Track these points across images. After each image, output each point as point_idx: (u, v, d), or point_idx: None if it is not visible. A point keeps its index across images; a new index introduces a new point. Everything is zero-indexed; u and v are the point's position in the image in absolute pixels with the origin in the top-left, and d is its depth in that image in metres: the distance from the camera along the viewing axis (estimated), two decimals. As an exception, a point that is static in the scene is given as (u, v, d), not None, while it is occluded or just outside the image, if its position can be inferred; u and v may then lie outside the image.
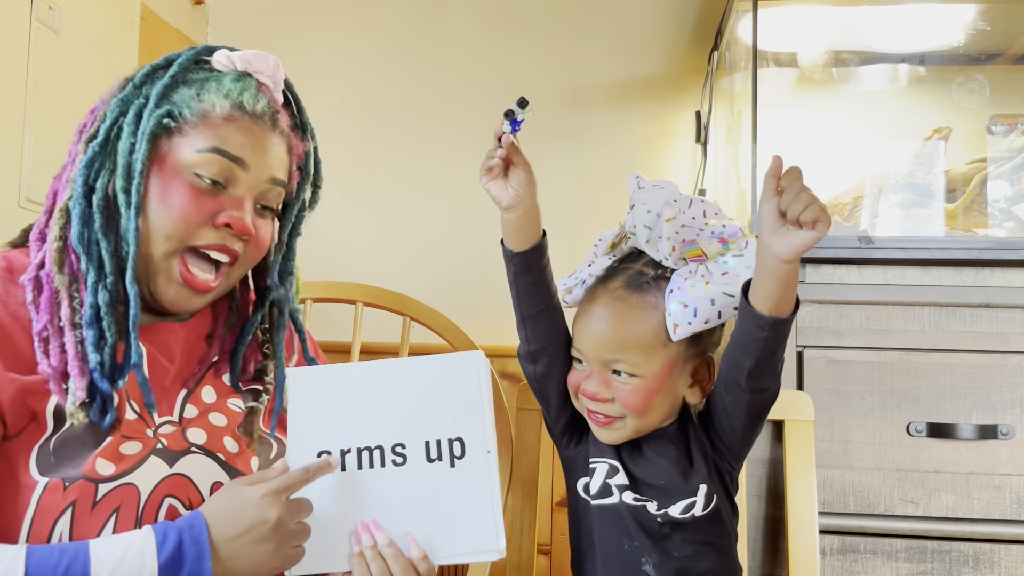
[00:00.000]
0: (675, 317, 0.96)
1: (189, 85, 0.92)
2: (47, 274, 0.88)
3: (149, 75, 0.93)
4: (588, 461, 1.04)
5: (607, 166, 2.12)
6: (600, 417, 1.00)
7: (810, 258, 1.42)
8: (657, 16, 2.14)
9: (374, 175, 2.17)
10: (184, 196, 0.89)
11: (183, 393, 0.95)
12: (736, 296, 0.93)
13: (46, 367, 0.85)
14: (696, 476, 1.00)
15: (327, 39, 2.20)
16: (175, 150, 0.91)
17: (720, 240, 0.98)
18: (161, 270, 0.91)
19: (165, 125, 0.90)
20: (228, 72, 0.94)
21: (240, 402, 0.99)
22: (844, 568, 1.38)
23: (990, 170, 1.61)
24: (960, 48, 1.82)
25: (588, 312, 1.02)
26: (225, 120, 0.91)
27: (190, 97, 0.91)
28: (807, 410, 1.31)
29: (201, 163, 0.90)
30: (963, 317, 1.40)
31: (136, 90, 0.92)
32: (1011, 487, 1.36)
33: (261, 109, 0.94)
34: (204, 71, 0.94)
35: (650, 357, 0.97)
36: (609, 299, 1.00)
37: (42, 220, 0.93)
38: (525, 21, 2.17)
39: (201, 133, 0.90)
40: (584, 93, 2.15)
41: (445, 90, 2.18)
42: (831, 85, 1.89)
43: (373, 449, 0.92)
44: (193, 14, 2.18)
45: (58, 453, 0.84)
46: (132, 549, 0.79)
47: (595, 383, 0.99)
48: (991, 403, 1.38)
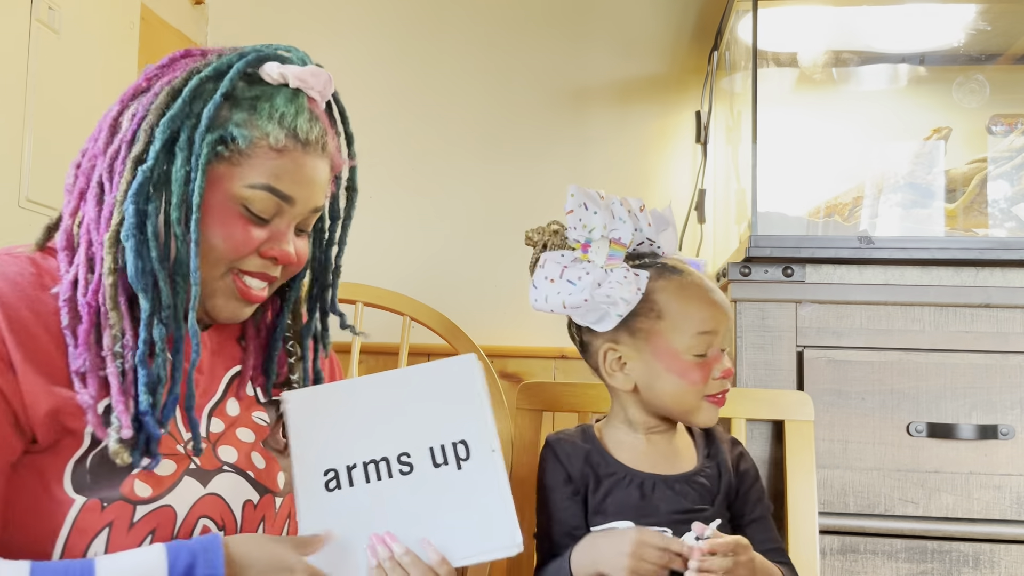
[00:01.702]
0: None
1: (241, 106, 0.88)
2: (88, 304, 0.83)
3: (197, 89, 0.87)
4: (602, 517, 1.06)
5: (607, 166, 2.12)
6: (724, 396, 1.07)
7: (810, 258, 1.42)
8: (657, 16, 2.14)
9: (374, 175, 2.17)
10: (237, 228, 0.88)
11: (208, 406, 0.94)
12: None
13: (86, 398, 0.81)
14: (715, 512, 1.05)
15: (327, 39, 2.20)
16: (227, 179, 0.88)
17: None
18: (219, 289, 0.91)
19: (219, 153, 0.87)
20: (280, 89, 0.90)
21: (264, 415, 0.99)
22: (844, 568, 1.38)
23: (990, 170, 1.61)
24: (960, 48, 1.82)
25: (708, 290, 1.06)
26: (278, 152, 0.89)
27: (243, 121, 0.88)
28: (807, 410, 1.31)
29: (253, 199, 0.88)
30: (963, 317, 1.40)
31: (186, 106, 0.86)
32: (1011, 487, 1.36)
33: (315, 137, 0.92)
34: (256, 87, 0.90)
35: None
36: (708, 282, 1.08)
37: (67, 223, 0.88)
38: (525, 21, 2.17)
39: (255, 167, 0.88)
40: (584, 93, 2.15)
41: (445, 90, 2.18)
42: (831, 85, 1.89)
43: (379, 461, 0.92)
44: (193, 14, 2.18)
45: (95, 472, 0.82)
46: (141, 566, 0.79)
47: (727, 359, 1.06)
48: (991, 403, 1.38)
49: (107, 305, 0.83)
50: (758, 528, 1.09)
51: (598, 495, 1.06)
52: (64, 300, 0.83)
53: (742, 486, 1.10)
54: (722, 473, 1.08)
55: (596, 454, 1.09)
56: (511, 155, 2.14)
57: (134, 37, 1.83)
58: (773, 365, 1.41)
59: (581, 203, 1.06)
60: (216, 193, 0.87)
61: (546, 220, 1.06)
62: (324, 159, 0.94)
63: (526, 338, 2.01)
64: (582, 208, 1.06)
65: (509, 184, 2.13)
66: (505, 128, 2.15)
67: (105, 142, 0.88)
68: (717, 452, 1.11)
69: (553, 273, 1.05)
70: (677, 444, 1.11)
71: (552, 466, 1.10)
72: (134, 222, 0.83)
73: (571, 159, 2.13)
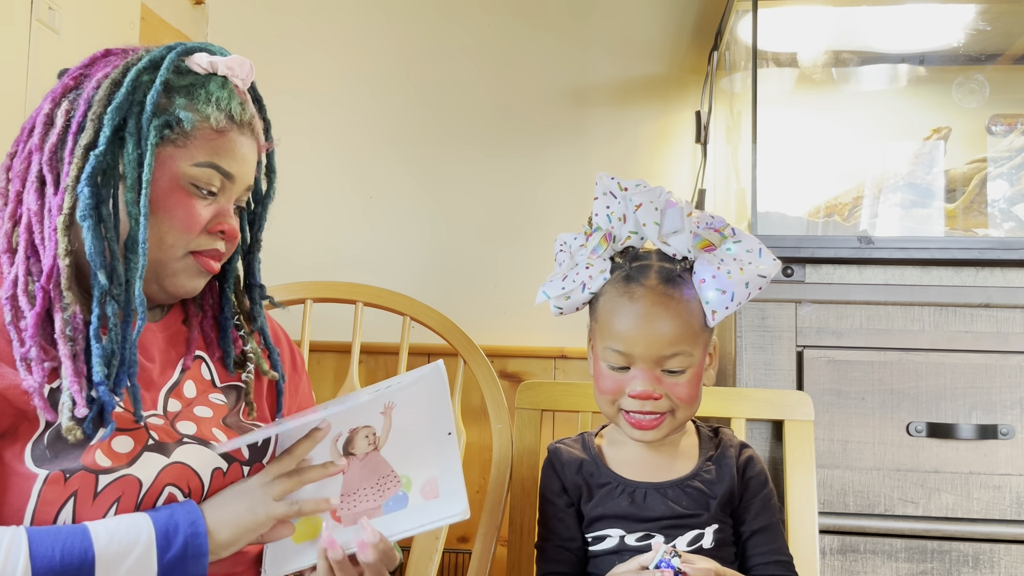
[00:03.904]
0: (713, 304, 1.00)
1: (179, 93, 0.94)
2: (41, 289, 0.87)
3: (136, 80, 0.92)
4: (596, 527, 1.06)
5: (607, 166, 2.12)
6: (648, 418, 1.01)
7: (810, 258, 1.42)
8: (657, 16, 2.14)
9: (374, 175, 2.17)
10: (186, 206, 0.94)
11: (165, 388, 0.98)
12: (767, 276, 1.00)
13: (32, 383, 0.85)
14: (710, 518, 1.03)
15: (327, 40, 2.20)
16: (174, 159, 0.93)
17: (715, 230, 1.03)
18: (179, 269, 0.96)
19: (166, 136, 0.92)
20: (210, 77, 0.96)
21: (222, 396, 1.02)
22: (844, 568, 1.38)
23: (990, 170, 1.61)
24: (960, 48, 1.82)
25: (634, 312, 1.01)
26: (218, 133, 0.95)
27: (184, 106, 0.94)
28: (807, 410, 1.31)
29: (199, 176, 0.94)
30: (963, 317, 1.40)
31: (129, 95, 0.92)
32: (1011, 487, 1.36)
33: (247, 119, 0.99)
34: (188, 76, 0.95)
35: (697, 345, 1.02)
36: (655, 297, 1.01)
37: (6, 227, 0.92)
38: (525, 21, 2.17)
39: (199, 147, 0.94)
40: (584, 93, 2.15)
41: (446, 90, 2.18)
42: (831, 85, 1.89)
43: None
44: (193, 14, 2.18)
45: (53, 447, 0.85)
46: (125, 520, 0.86)
47: (646, 381, 1.00)
48: (991, 403, 1.38)
49: (63, 286, 0.87)
50: (760, 539, 1.05)
51: (590, 505, 1.07)
52: (7, 298, 0.88)
53: (745, 493, 1.07)
54: (723, 478, 1.06)
55: (590, 464, 1.08)
56: (511, 155, 2.14)
57: (134, 37, 1.83)
58: (773, 365, 1.42)
59: (604, 191, 1.06)
60: (165, 173, 0.93)
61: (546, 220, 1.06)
62: (254, 140, 1.01)
63: (526, 338, 2.01)
64: (607, 195, 1.06)
65: (509, 184, 2.13)
66: (505, 128, 2.15)
67: (40, 138, 0.93)
68: (722, 456, 1.08)
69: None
70: (678, 447, 1.10)
71: (548, 475, 1.11)
72: (90, 203, 0.88)
73: (571, 159, 2.13)
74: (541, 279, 1.09)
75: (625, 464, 1.08)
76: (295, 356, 1.18)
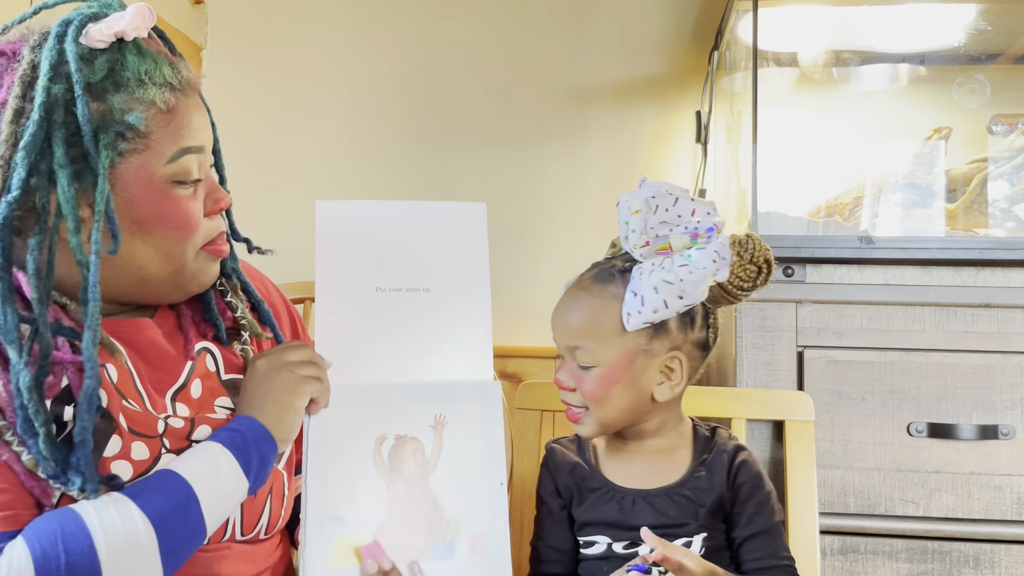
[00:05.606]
0: (627, 306, 0.97)
1: (106, 89, 0.80)
2: None
3: (48, 100, 0.77)
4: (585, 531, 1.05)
5: (607, 166, 2.12)
6: (573, 410, 1.02)
7: (810, 258, 1.42)
8: (657, 16, 2.14)
9: (375, 174, 2.17)
10: (180, 209, 0.85)
11: (172, 391, 0.93)
12: (675, 283, 0.94)
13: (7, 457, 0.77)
14: (698, 527, 1.01)
15: (328, 40, 2.20)
16: (144, 168, 0.82)
17: (692, 235, 0.99)
18: (196, 269, 0.90)
19: (122, 150, 0.80)
20: (122, 49, 0.81)
21: (228, 402, 0.97)
22: (844, 568, 1.38)
23: (990, 170, 1.61)
24: (960, 48, 1.82)
25: (559, 302, 1.04)
26: (171, 113, 0.83)
27: (123, 102, 0.80)
28: (807, 410, 1.31)
29: (178, 171, 0.84)
30: (964, 317, 1.40)
31: (44, 123, 0.76)
32: (1011, 487, 1.36)
33: (183, 78, 0.86)
34: (98, 60, 0.80)
35: (606, 345, 0.98)
36: (575, 289, 1.02)
37: None
38: (526, 21, 2.17)
39: (161, 139, 0.83)
40: (584, 93, 2.15)
41: (446, 90, 2.17)
42: (831, 85, 1.89)
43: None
44: (193, 14, 2.18)
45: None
46: (202, 450, 0.85)
47: (564, 372, 1.02)
48: (992, 403, 1.38)
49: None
50: (753, 545, 1.02)
51: (580, 510, 1.05)
52: None
53: (737, 499, 1.02)
54: (713, 486, 1.02)
55: (583, 467, 1.07)
56: (511, 155, 2.14)
57: (134, 37, 1.83)
58: (773, 365, 1.41)
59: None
60: (141, 186, 0.82)
61: (546, 219, 1.06)
62: (196, 92, 0.88)
63: (526, 338, 2.01)
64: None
65: (509, 183, 2.13)
66: (505, 128, 2.15)
67: None
68: (714, 461, 1.04)
69: None
70: (671, 451, 1.06)
71: (543, 475, 1.10)
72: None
73: (571, 158, 2.13)
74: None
75: (617, 467, 1.07)
76: (295, 320, 1.12)
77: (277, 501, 0.98)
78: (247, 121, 2.14)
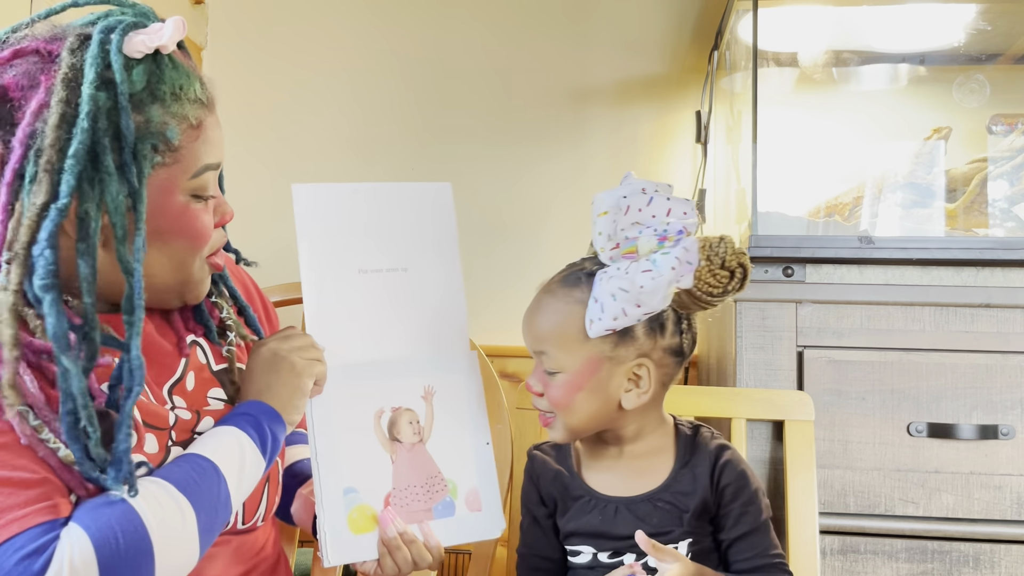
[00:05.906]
0: (589, 313, 0.94)
1: (146, 100, 0.81)
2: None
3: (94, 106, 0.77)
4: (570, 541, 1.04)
5: (607, 165, 2.12)
6: (545, 415, 1.01)
7: (810, 258, 1.42)
8: (657, 16, 2.14)
9: (375, 174, 2.17)
10: (197, 223, 0.87)
11: (168, 384, 0.94)
12: (631, 291, 0.90)
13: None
14: (683, 533, 0.99)
15: (328, 40, 2.20)
16: (171, 182, 0.84)
17: (660, 238, 0.94)
18: (199, 278, 0.93)
19: (155, 162, 0.82)
20: (158, 61, 0.82)
21: (220, 392, 0.98)
22: (844, 568, 1.38)
23: (990, 170, 1.61)
24: (960, 48, 1.82)
25: (529, 304, 1.03)
26: (198, 129, 0.85)
27: (161, 115, 0.82)
28: (807, 410, 1.31)
29: (200, 186, 0.87)
30: (963, 317, 1.40)
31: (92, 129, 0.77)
32: (1011, 487, 1.36)
33: (209, 94, 0.88)
34: (138, 67, 0.81)
35: (568, 351, 0.96)
36: (543, 292, 1.01)
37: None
38: (525, 21, 2.17)
39: (188, 153, 0.84)
40: (584, 93, 2.15)
41: (446, 90, 2.17)
42: (831, 85, 1.89)
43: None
44: (193, 14, 2.18)
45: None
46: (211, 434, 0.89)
47: (533, 376, 1.01)
48: (992, 403, 1.38)
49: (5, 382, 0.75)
50: (742, 546, 1.00)
51: (564, 519, 1.04)
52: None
53: (722, 501, 1.00)
54: (696, 489, 0.99)
55: (565, 475, 1.05)
56: (511, 155, 2.14)
57: (134, 37, 1.83)
58: (773, 365, 1.41)
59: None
60: (166, 199, 0.84)
61: (546, 219, 1.06)
62: (215, 109, 0.90)
63: (526, 338, 2.01)
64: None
65: (509, 183, 2.13)
66: (505, 128, 2.15)
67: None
68: (697, 463, 1.01)
69: None
70: (653, 455, 1.03)
71: (527, 485, 1.09)
72: (53, 269, 0.75)
73: (571, 159, 2.12)
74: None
75: (598, 474, 1.04)
76: (268, 311, 1.14)
77: (273, 487, 1.00)
78: (247, 121, 2.14)
